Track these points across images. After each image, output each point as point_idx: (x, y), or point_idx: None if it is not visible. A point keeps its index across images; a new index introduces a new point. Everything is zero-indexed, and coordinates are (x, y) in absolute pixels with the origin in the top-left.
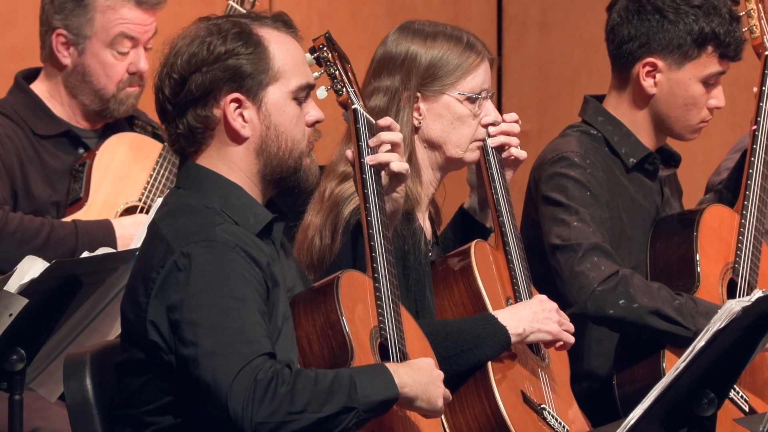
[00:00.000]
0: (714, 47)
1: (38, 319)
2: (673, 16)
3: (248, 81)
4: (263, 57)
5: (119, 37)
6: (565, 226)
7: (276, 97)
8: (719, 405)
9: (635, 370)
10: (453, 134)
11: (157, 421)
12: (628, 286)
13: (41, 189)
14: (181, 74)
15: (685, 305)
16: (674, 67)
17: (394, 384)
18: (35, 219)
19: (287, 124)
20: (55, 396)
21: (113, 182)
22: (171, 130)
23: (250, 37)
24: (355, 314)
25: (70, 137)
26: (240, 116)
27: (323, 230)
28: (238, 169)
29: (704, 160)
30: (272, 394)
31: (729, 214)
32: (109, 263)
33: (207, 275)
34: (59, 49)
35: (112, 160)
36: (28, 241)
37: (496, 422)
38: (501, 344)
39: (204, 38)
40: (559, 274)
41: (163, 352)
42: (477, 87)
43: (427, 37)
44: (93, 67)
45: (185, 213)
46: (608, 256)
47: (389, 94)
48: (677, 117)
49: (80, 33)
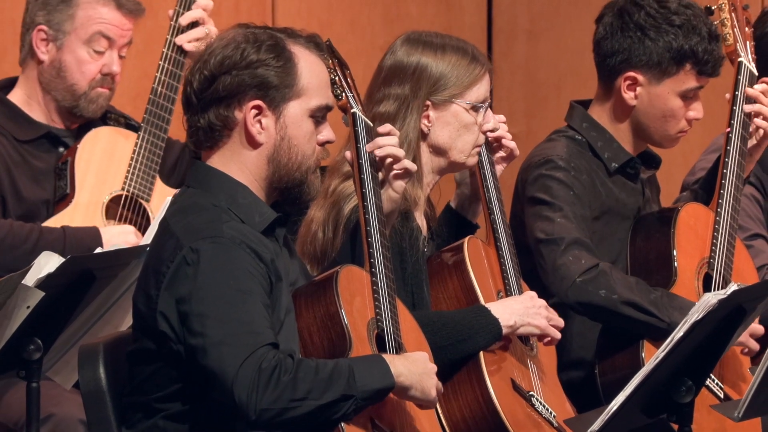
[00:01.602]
0: (692, 64)
1: (54, 311)
2: (653, 34)
3: (272, 92)
4: (291, 72)
5: (96, 35)
6: (548, 222)
7: (295, 112)
8: (696, 392)
9: (616, 359)
10: (458, 141)
11: (166, 407)
12: (607, 278)
13: (30, 190)
14: (212, 72)
15: (661, 299)
16: (654, 82)
17: (390, 374)
18: (24, 225)
19: (300, 139)
20: (70, 384)
21: (96, 175)
22: (192, 122)
23: (282, 51)
24: (354, 307)
25: (50, 138)
26: (258, 123)
27: (326, 224)
28: (248, 171)
29: (682, 162)
30: (276, 381)
31: (704, 212)
32: (121, 258)
33: (214, 270)
34: (38, 44)
35: (92, 154)
36: (18, 246)
37: (488, 408)
38: (493, 335)
39: (239, 44)
40: (542, 266)
41: (173, 342)
42: (481, 97)
43: (437, 49)
44: (68, 62)
45: (194, 211)
46: (589, 250)
47: (399, 101)
48: (656, 128)
49: (60, 28)
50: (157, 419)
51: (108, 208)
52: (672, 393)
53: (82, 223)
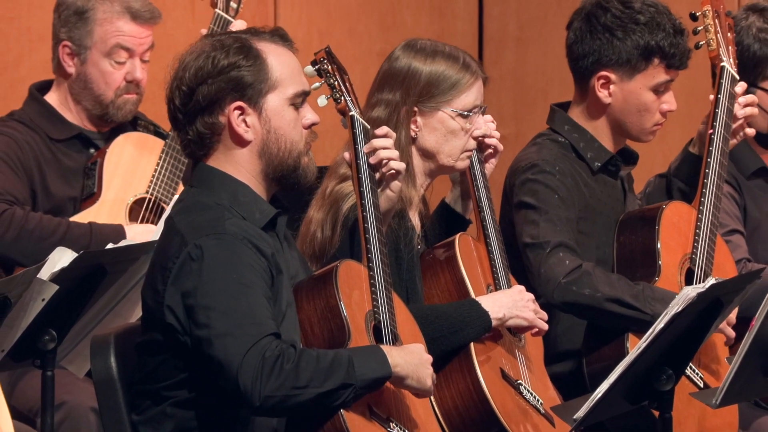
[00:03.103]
0: (660, 59)
1: (68, 303)
2: (621, 34)
3: (249, 90)
4: (262, 68)
5: (116, 47)
6: (534, 226)
7: (275, 104)
8: (677, 381)
9: (602, 350)
10: (446, 146)
11: (173, 395)
12: (590, 277)
13: (59, 187)
14: (189, 86)
15: (642, 292)
16: (625, 79)
17: (387, 363)
18: (53, 219)
19: (286, 128)
20: (83, 372)
21: (123, 177)
22: (182, 136)
23: (250, 50)
24: (352, 299)
25: (82, 139)
26: (243, 122)
27: (324, 224)
28: (244, 169)
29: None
30: (278, 370)
31: (687, 209)
32: (131, 254)
33: (218, 264)
34: (65, 59)
35: (120, 157)
36: (46, 238)
37: (478, 396)
38: (483, 327)
39: (209, 53)
40: (529, 269)
41: (179, 333)
42: (470, 104)
43: (428, 56)
44: (93, 75)
45: (198, 209)
46: (573, 252)
47: (390, 106)
48: (632, 122)
49: (82, 44)
50: (165, 406)
51: (131, 209)
52: (653, 381)
53: (106, 221)
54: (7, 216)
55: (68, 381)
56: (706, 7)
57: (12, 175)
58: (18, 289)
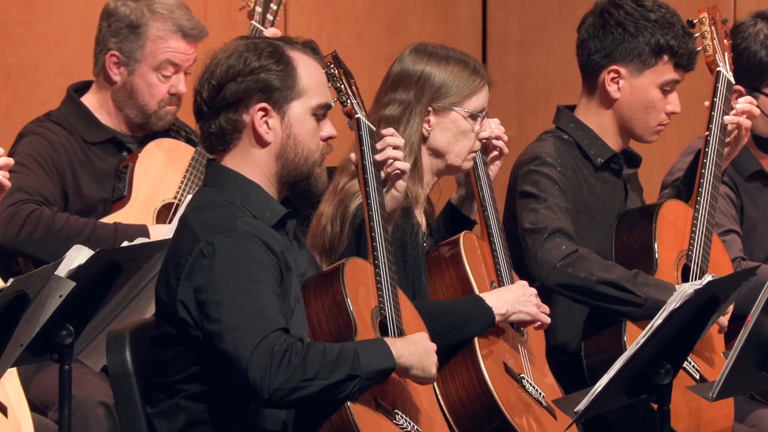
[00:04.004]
0: (669, 56)
1: (84, 299)
2: (633, 29)
3: (276, 94)
4: (291, 75)
5: (165, 63)
6: (534, 213)
7: (298, 111)
8: (674, 375)
9: (600, 343)
10: (455, 145)
11: (186, 388)
12: (585, 261)
13: (91, 188)
14: (219, 81)
15: (636, 277)
16: (635, 74)
17: (392, 355)
18: (80, 219)
19: (305, 136)
20: (99, 366)
21: (152, 182)
22: (204, 128)
23: (281, 56)
24: (359, 296)
25: (115, 142)
26: (265, 123)
27: (334, 219)
28: (259, 169)
29: (661, 162)
30: (287, 363)
31: (684, 208)
32: (145, 251)
33: (228, 261)
34: (111, 67)
35: (151, 163)
36: (72, 238)
37: (482, 390)
38: (487, 322)
39: (242, 53)
40: (527, 253)
41: (191, 327)
42: (479, 107)
43: (441, 59)
44: (140, 86)
45: (210, 207)
46: (570, 238)
47: (403, 105)
48: (638, 119)
49: (131, 56)
50: (178, 399)
51: (159, 214)
52: (652, 375)
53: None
54: (35, 216)
55: (78, 375)
56: (702, 15)
57: (43, 176)
58: (36, 285)
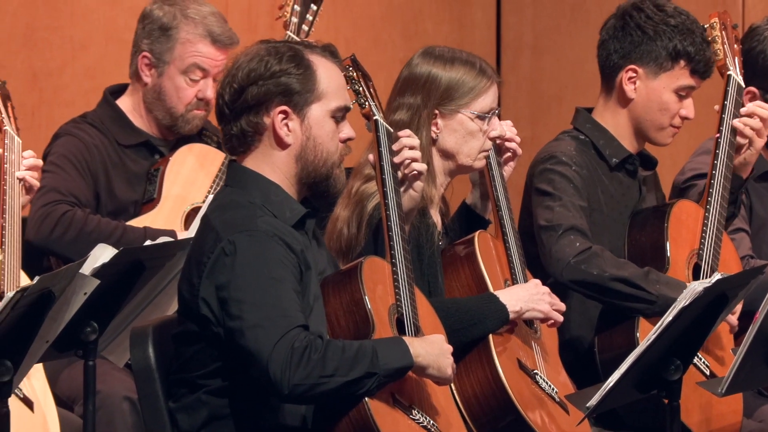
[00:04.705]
0: (686, 62)
1: (108, 297)
2: (652, 33)
3: (296, 97)
4: (311, 78)
5: (192, 66)
6: (549, 211)
7: (317, 114)
8: (684, 370)
9: (614, 339)
10: (465, 146)
11: (208, 383)
12: (598, 258)
13: (123, 190)
14: (240, 84)
15: (648, 275)
16: (651, 76)
17: (409, 354)
18: (111, 222)
19: (324, 138)
20: (123, 362)
21: (182, 185)
22: (226, 130)
23: (301, 60)
24: (376, 293)
25: (148, 146)
26: (285, 126)
27: (350, 222)
28: (279, 170)
29: (671, 164)
30: (306, 360)
31: (695, 208)
32: (168, 250)
33: (249, 260)
34: (143, 68)
35: (182, 167)
36: (103, 241)
37: (496, 385)
38: (501, 320)
39: (263, 57)
40: (542, 250)
41: (213, 324)
42: (487, 107)
43: (446, 62)
44: (168, 88)
45: (232, 207)
46: (583, 236)
47: (411, 110)
48: (652, 120)
49: (161, 58)
50: (200, 394)
51: (188, 217)
52: (662, 371)
53: (163, 226)
54: (69, 217)
55: (103, 371)
56: (713, 20)
57: (77, 177)
58: (61, 283)
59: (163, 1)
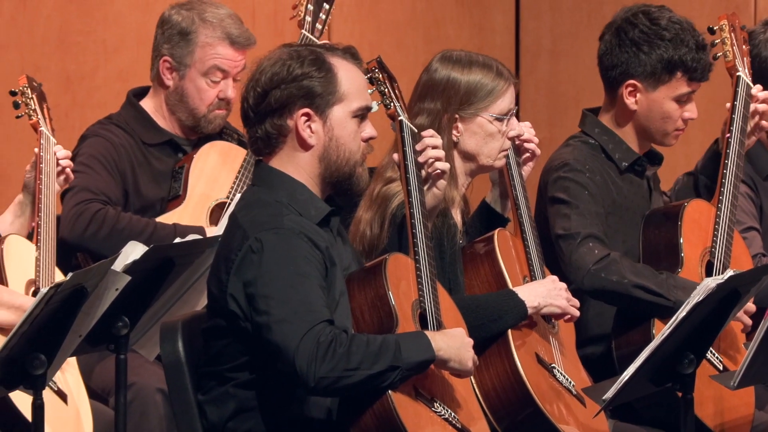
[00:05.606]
0: (683, 72)
1: (139, 293)
2: (647, 48)
3: (318, 99)
4: (332, 81)
5: (213, 68)
6: (566, 219)
7: (339, 115)
8: (698, 364)
9: (630, 336)
10: (485, 147)
11: (236, 376)
12: (618, 265)
13: (149, 188)
14: (264, 88)
15: (666, 281)
16: (650, 89)
17: (431, 348)
18: (141, 219)
19: (346, 138)
20: (153, 356)
21: (206, 182)
22: (251, 133)
23: (323, 63)
24: (400, 289)
25: (172, 144)
26: (308, 128)
27: (373, 223)
28: (303, 170)
29: (685, 163)
30: (332, 353)
31: (707, 207)
32: (197, 247)
33: (276, 257)
34: (164, 72)
35: (206, 164)
36: (134, 238)
37: (515, 379)
38: (520, 315)
39: (285, 61)
40: (561, 258)
41: (241, 319)
42: (505, 108)
43: (464, 66)
44: (189, 90)
45: (259, 206)
46: (602, 243)
47: (432, 115)
48: (656, 128)
49: (182, 61)
50: (228, 387)
51: (212, 212)
52: (676, 365)
53: (189, 222)
54: (101, 215)
55: (137, 364)
56: (722, 22)
57: (108, 176)
58: (94, 279)
59: (181, 6)
